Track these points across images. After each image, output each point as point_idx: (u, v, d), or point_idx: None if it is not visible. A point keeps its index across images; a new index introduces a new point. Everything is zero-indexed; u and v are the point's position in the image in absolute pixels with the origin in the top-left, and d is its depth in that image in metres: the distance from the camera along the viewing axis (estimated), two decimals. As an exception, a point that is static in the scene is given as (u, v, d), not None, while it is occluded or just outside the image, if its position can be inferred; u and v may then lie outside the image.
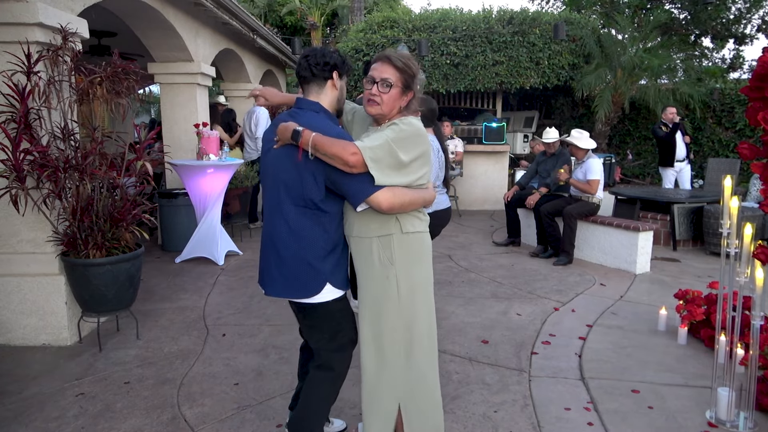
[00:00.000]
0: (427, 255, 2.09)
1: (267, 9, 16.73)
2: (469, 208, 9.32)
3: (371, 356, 2.07)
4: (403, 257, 2.00)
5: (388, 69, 1.98)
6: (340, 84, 2.10)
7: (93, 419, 2.69)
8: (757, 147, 2.64)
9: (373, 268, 2.02)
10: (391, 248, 1.99)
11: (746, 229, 2.53)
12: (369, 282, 2.05)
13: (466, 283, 5.03)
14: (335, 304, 2.11)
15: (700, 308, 3.67)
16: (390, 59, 1.98)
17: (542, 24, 9.34)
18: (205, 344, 3.62)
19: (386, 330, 2.04)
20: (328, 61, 2.04)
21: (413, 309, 2.04)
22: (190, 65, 6.27)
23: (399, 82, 1.98)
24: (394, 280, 2.00)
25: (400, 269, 1.99)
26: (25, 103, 3.28)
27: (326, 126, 1.96)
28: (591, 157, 5.81)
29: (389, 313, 2.03)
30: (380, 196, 1.89)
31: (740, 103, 10.05)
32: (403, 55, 2.03)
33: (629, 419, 2.70)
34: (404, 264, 2.00)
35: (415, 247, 2.03)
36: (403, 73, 1.98)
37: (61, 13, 3.57)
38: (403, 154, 1.90)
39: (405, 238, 2.00)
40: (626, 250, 5.47)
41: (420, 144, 1.97)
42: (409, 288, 2.02)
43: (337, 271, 2.08)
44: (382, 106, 1.99)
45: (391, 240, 1.99)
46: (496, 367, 3.30)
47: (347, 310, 2.17)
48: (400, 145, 1.89)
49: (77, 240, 3.50)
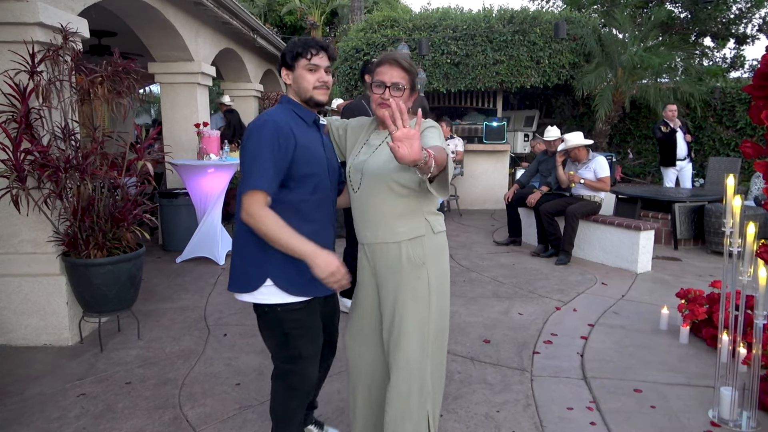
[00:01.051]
0: (447, 251, 2.13)
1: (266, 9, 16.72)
2: (470, 208, 9.32)
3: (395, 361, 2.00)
4: (433, 258, 2.01)
5: (398, 72, 1.96)
6: (293, 75, 1.98)
7: (94, 420, 2.69)
8: (760, 145, 2.63)
9: (402, 271, 1.98)
10: (423, 248, 1.99)
11: (749, 228, 2.52)
12: (393, 286, 1.99)
13: (467, 282, 5.03)
14: (286, 312, 1.95)
15: (702, 307, 3.66)
16: (398, 61, 1.97)
17: (543, 23, 9.33)
18: (206, 344, 3.61)
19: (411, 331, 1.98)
20: (279, 60, 2.05)
21: (441, 306, 2.05)
22: (191, 65, 6.26)
23: (408, 84, 1.99)
24: (425, 280, 1.98)
25: (431, 268, 2.00)
26: (26, 102, 3.28)
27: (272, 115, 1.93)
28: (596, 155, 5.82)
29: (419, 312, 1.99)
30: (246, 199, 1.83)
31: (741, 101, 10.04)
32: (405, 55, 2.05)
33: (632, 419, 2.70)
34: (433, 265, 2.01)
35: (442, 245, 2.07)
36: (410, 74, 1.99)
37: (61, 12, 3.57)
38: None
39: (435, 238, 2.03)
40: (627, 250, 5.46)
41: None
42: (438, 286, 2.03)
43: (285, 270, 1.91)
44: None
45: (423, 241, 1.99)
46: (498, 366, 3.29)
47: (305, 322, 1.99)
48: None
49: (78, 240, 3.49)
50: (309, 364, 2.05)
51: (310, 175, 1.96)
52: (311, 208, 1.99)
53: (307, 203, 1.97)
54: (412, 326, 1.98)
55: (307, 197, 1.97)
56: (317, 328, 2.08)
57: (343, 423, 2.63)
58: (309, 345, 2.03)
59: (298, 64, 1.96)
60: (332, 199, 2.12)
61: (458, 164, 8.62)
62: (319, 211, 2.03)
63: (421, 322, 1.99)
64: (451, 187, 7.20)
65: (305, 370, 2.04)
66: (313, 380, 2.10)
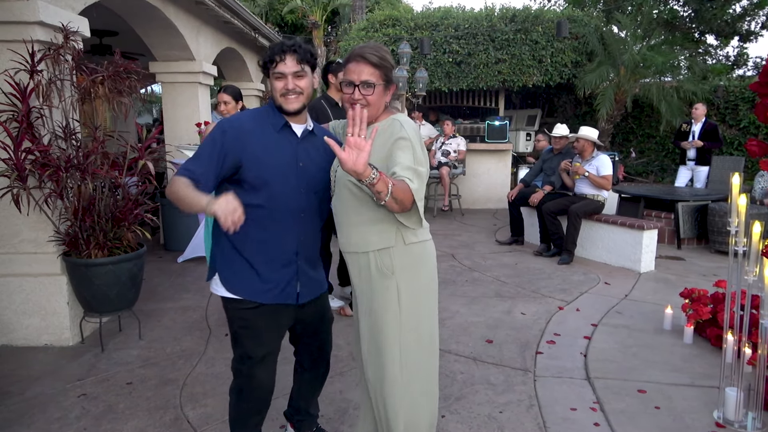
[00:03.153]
0: (429, 263, 1.97)
1: (268, 8, 16.69)
2: (472, 207, 9.29)
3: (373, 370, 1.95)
4: (404, 268, 1.89)
5: (366, 68, 1.85)
6: (271, 82, 1.96)
7: (95, 420, 2.67)
8: (765, 144, 2.61)
9: (372, 281, 1.91)
10: (391, 259, 1.88)
11: (755, 227, 2.50)
12: (368, 295, 1.93)
13: (469, 282, 5.01)
14: (235, 310, 1.97)
15: (707, 307, 3.64)
16: (365, 57, 1.85)
17: (545, 22, 9.30)
18: (207, 344, 3.60)
19: (386, 344, 1.91)
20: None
21: (415, 321, 1.92)
22: (192, 64, 6.25)
23: (380, 79, 1.87)
24: (395, 292, 1.88)
25: (402, 280, 1.88)
26: (27, 102, 3.27)
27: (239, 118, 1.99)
28: (599, 153, 5.80)
29: (388, 323, 1.90)
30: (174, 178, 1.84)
31: (744, 100, 9.99)
32: (375, 46, 1.89)
33: (636, 420, 2.68)
34: (405, 275, 1.89)
35: (418, 256, 1.92)
36: (381, 69, 1.86)
37: (62, 11, 3.55)
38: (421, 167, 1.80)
39: (407, 249, 1.89)
40: (630, 249, 5.43)
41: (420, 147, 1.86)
42: (411, 299, 1.91)
43: (235, 272, 1.95)
44: (370, 108, 1.85)
45: (391, 252, 1.88)
46: (500, 366, 3.27)
47: (252, 323, 1.97)
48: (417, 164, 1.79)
49: (79, 240, 3.48)
50: (258, 366, 2.02)
51: (262, 181, 1.91)
52: (265, 216, 1.93)
53: (262, 209, 1.92)
54: (386, 340, 1.91)
55: (263, 203, 1.92)
56: (270, 332, 2.03)
57: (345, 424, 2.62)
58: (256, 347, 1.99)
59: (271, 72, 1.93)
60: (302, 208, 2.00)
61: (460, 163, 8.60)
62: (276, 221, 1.95)
63: (393, 335, 1.90)
64: (453, 186, 7.16)
65: (253, 372, 2.01)
66: (265, 386, 2.06)
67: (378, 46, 1.91)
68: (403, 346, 1.91)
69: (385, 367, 1.91)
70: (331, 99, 3.97)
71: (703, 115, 7.72)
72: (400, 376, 1.91)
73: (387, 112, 1.95)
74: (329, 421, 2.61)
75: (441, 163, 8.36)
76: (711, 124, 7.73)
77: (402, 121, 1.87)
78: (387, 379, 1.92)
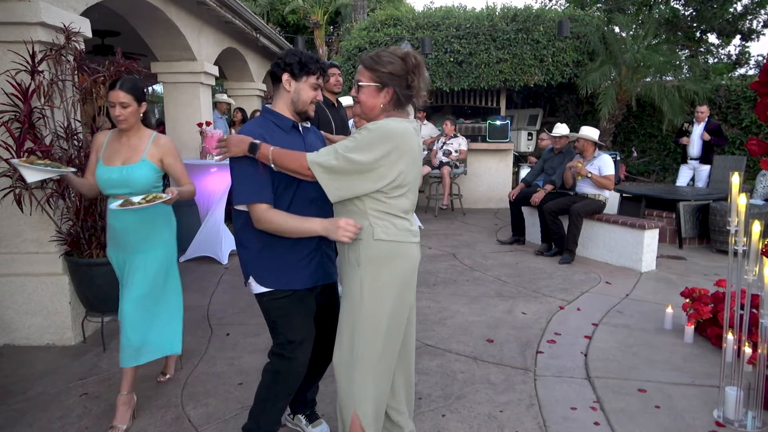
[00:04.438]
0: (398, 264, 1.99)
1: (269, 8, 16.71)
2: (473, 207, 9.29)
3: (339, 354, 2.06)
4: (370, 262, 1.97)
5: (360, 70, 2.00)
6: (296, 86, 2.08)
7: (97, 419, 2.69)
8: (765, 143, 2.61)
9: (345, 267, 2.05)
10: (358, 252, 1.97)
11: (754, 226, 2.50)
12: (345, 281, 2.05)
13: (470, 281, 5.01)
14: (270, 301, 2.12)
15: (707, 306, 3.64)
16: (361, 60, 2.00)
17: (546, 21, 9.30)
18: (209, 344, 3.61)
19: (343, 329, 2.04)
20: (279, 63, 2.08)
21: (375, 321, 1.98)
22: (194, 64, 6.26)
23: (370, 80, 1.96)
24: (358, 283, 1.98)
25: (366, 274, 1.97)
26: (29, 102, 3.28)
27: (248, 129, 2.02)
28: (601, 153, 5.80)
29: (352, 314, 2.01)
30: (254, 208, 1.98)
31: (746, 99, 9.97)
32: (379, 52, 1.98)
33: (636, 419, 2.68)
34: (370, 269, 1.97)
35: (384, 255, 1.97)
36: (372, 71, 1.95)
37: (63, 12, 3.56)
38: (360, 155, 1.86)
39: (375, 245, 1.96)
40: (632, 248, 5.43)
41: (382, 145, 1.87)
42: (374, 295, 1.97)
43: (266, 268, 2.09)
44: (360, 107, 2.01)
45: (359, 245, 1.97)
46: (501, 366, 3.28)
47: (288, 310, 2.12)
48: (352, 149, 1.86)
49: (81, 239, 3.50)
50: (298, 349, 2.15)
51: (290, 178, 2.03)
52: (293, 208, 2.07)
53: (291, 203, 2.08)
54: (345, 325, 2.04)
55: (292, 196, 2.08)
56: (304, 316, 2.18)
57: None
58: (296, 332, 2.14)
59: (306, 79, 2.09)
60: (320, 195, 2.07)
61: (461, 163, 8.60)
62: (301, 211, 2.06)
63: (352, 324, 2.01)
64: (454, 186, 7.18)
65: (295, 355, 2.14)
66: (302, 369, 2.18)
67: (384, 52, 1.97)
68: (358, 336, 1.99)
69: (341, 347, 2.05)
70: (328, 100, 4.02)
71: (706, 117, 7.72)
72: (349, 360, 2.01)
73: (385, 115, 2.00)
74: (330, 420, 2.61)
75: (442, 163, 8.37)
76: (714, 124, 7.71)
77: (380, 124, 1.90)
78: (341, 361, 2.04)
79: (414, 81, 1.97)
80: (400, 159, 1.91)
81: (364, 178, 1.88)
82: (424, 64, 2.01)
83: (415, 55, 1.97)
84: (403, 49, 1.99)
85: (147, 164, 2.65)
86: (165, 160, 2.70)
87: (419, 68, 1.97)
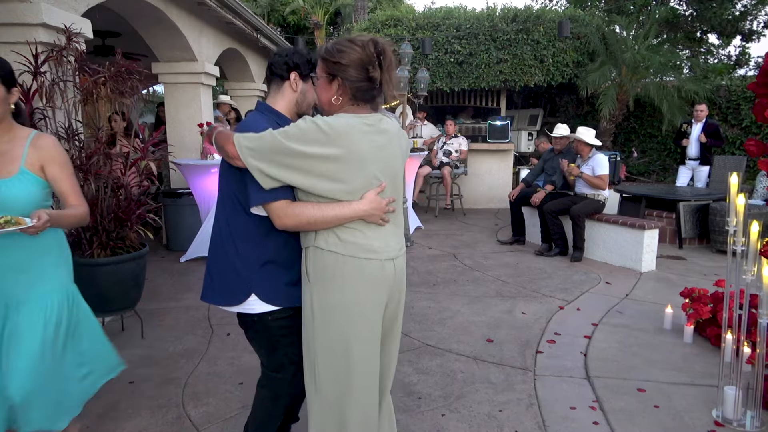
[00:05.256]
0: (346, 282, 1.72)
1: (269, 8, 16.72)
2: (474, 207, 9.30)
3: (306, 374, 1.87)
4: (317, 276, 1.74)
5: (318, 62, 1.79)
6: (303, 86, 1.95)
7: (98, 419, 2.70)
8: (764, 143, 2.62)
9: (302, 279, 1.82)
10: (306, 262, 1.77)
11: (753, 226, 2.51)
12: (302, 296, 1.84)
13: (470, 281, 5.02)
14: (275, 320, 1.90)
15: (707, 306, 3.64)
16: (317, 50, 1.84)
17: (546, 22, 9.31)
18: (209, 344, 3.62)
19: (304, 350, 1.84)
20: (287, 61, 1.94)
21: (327, 339, 1.75)
22: (194, 65, 6.28)
23: (322, 71, 1.75)
24: (309, 300, 1.77)
25: (316, 290, 1.75)
26: (31, 103, 3.29)
27: (254, 123, 1.81)
28: (596, 153, 5.81)
29: (305, 331, 1.81)
30: (273, 207, 1.69)
31: (746, 99, 9.97)
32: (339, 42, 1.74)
33: (635, 418, 2.69)
34: (318, 284, 1.74)
35: (328, 268, 1.72)
36: (324, 62, 1.73)
37: (64, 13, 3.58)
38: (297, 144, 1.61)
39: (318, 255, 1.73)
40: (632, 248, 5.44)
41: (321, 142, 1.62)
42: (322, 314, 1.74)
43: (269, 284, 1.86)
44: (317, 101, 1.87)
45: (308, 252, 1.76)
46: (501, 366, 3.29)
47: (292, 329, 1.92)
48: (290, 136, 1.62)
49: (82, 240, 3.50)
50: (299, 369, 1.99)
51: None
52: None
53: None
54: (303, 345, 1.84)
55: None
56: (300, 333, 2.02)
57: None
58: (298, 349, 1.96)
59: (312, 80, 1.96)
60: None
61: (462, 163, 8.61)
62: None
63: (307, 344, 1.81)
64: (454, 186, 7.18)
65: (295, 376, 1.99)
66: (302, 386, 2.01)
67: (343, 40, 1.74)
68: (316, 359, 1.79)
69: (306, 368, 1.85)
70: None
71: (705, 116, 7.72)
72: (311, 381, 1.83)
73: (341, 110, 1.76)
74: None
75: (443, 163, 8.38)
76: (712, 125, 7.72)
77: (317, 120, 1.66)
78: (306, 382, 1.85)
79: (374, 72, 1.69)
80: (337, 163, 1.65)
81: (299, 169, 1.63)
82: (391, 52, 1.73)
83: (377, 42, 1.71)
84: (368, 36, 1.75)
85: (27, 176, 1.92)
86: (48, 169, 1.96)
87: (383, 56, 1.69)
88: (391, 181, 1.79)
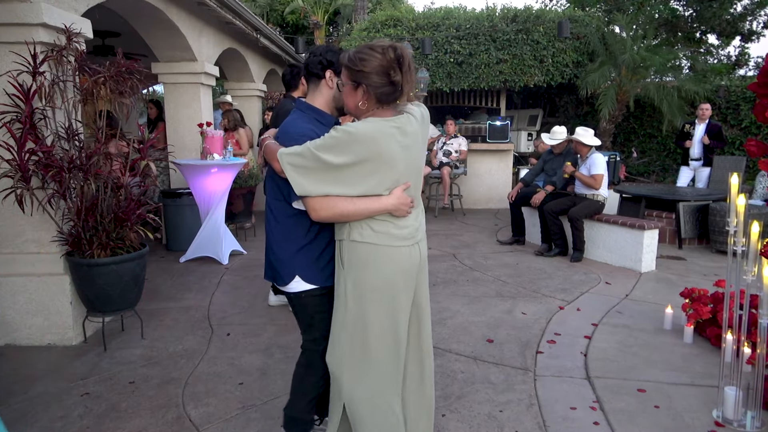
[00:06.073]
0: (378, 269, 1.92)
1: (268, 8, 16.71)
2: (474, 207, 9.31)
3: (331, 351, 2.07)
4: (352, 265, 1.94)
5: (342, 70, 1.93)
6: (337, 82, 2.06)
7: (98, 419, 2.70)
8: (764, 144, 2.62)
9: (337, 266, 2.04)
10: (341, 252, 1.98)
11: (753, 226, 2.51)
12: (335, 280, 2.06)
13: (470, 281, 5.02)
14: (310, 297, 2.14)
15: (707, 307, 3.65)
16: (340, 57, 1.95)
17: (546, 22, 9.31)
18: (209, 344, 3.62)
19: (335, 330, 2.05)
20: (321, 60, 2.07)
21: (362, 321, 1.95)
22: (194, 65, 6.27)
23: (347, 79, 1.89)
24: (343, 284, 1.97)
25: (349, 275, 1.95)
26: (30, 103, 3.29)
27: (293, 125, 2.01)
28: (594, 152, 5.81)
29: (338, 316, 2.02)
30: (310, 201, 1.89)
31: (746, 100, 9.98)
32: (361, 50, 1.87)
33: (635, 419, 2.69)
34: (352, 272, 1.94)
35: (363, 257, 1.92)
36: (348, 70, 1.88)
37: (64, 13, 3.57)
38: (331, 156, 1.80)
39: (353, 246, 1.93)
40: (631, 249, 5.44)
41: (354, 149, 1.81)
42: (356, 298, 1.94)
43: (310, 266, 2.10)
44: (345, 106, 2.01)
45: (342, 245, 1.97)
46: (501, 366, 3.29)
47: (326, 306, 2.15)
48: (325, 149, 1.81)
49: (82, 240, 3.50)
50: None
51: None
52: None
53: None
54: (334, 326, 2.05)
55: None
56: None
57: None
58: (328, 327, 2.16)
59: None
60: None
61: (462, 163, 8.61)
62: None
63: (339, 326, 2.01)
64: (454, 186, 7.18)
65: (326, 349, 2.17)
66: None
67: (364, 48, 1.87)
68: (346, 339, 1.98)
69: (332, 346, 2.05)
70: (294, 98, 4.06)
71: (709, 115, 7.72)
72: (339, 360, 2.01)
73: (369, 114, 1.91)
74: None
75: (442, 163, 8.38)
76: (715, 125, 7.72)
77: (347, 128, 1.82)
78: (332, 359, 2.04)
79: (396, 75, 1.83)
80: (369, 166, 1.84)
81: (335, 182, 1.84)
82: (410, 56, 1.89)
83: (395, 47, 1.84)
84: (386, 42, 1.88)
85: None
86: None
87: (402, 61, 1.83)
88: (415, 177, 2.00)
